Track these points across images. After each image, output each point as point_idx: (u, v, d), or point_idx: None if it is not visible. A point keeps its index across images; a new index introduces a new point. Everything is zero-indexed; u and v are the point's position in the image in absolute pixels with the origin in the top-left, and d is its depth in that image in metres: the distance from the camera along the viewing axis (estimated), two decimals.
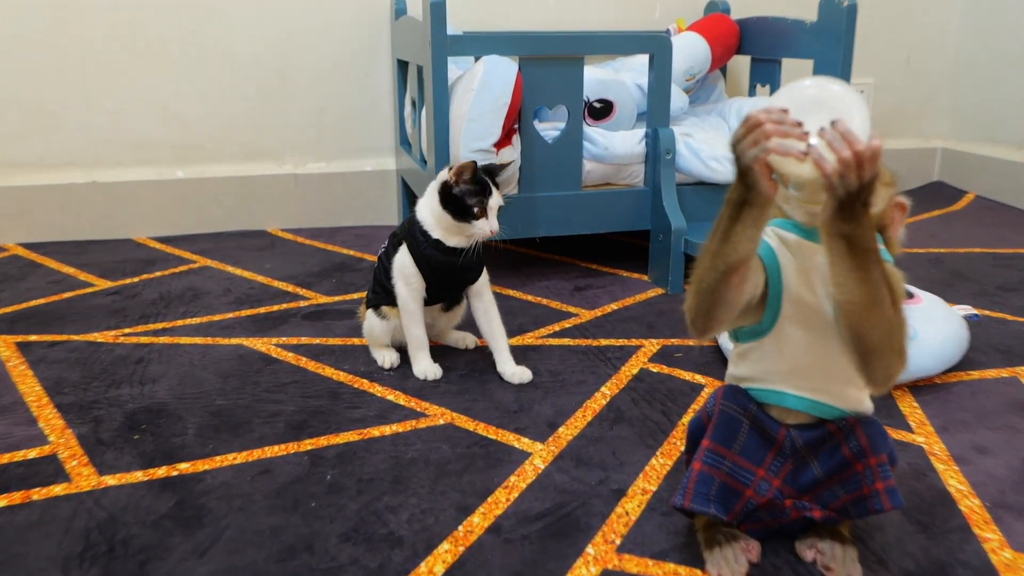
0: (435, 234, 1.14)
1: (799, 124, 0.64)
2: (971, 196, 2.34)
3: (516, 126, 1.51)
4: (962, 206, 2.26)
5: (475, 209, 1.11)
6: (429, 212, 1.15)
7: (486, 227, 1.11)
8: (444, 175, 1.14)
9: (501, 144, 1.46)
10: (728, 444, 0.77)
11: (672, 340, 1.32)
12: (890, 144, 2.45)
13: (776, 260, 0.75)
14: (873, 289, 0.65)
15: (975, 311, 1.33)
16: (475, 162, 1.11)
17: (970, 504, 0.89)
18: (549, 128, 1.58)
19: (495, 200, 1.12)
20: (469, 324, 1.28)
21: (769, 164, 0.65)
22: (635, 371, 1.22)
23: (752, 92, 2.04)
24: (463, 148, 1.41)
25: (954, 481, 0.93)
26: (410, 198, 1.99)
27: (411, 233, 1.16)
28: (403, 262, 1.17)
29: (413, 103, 1.76)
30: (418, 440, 1.02)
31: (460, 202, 1.11)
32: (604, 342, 1.33)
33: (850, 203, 0.63)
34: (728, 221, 0.68)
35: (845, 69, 1.63)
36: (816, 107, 0.65)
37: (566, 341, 1.34)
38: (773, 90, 1.98)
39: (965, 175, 2.40)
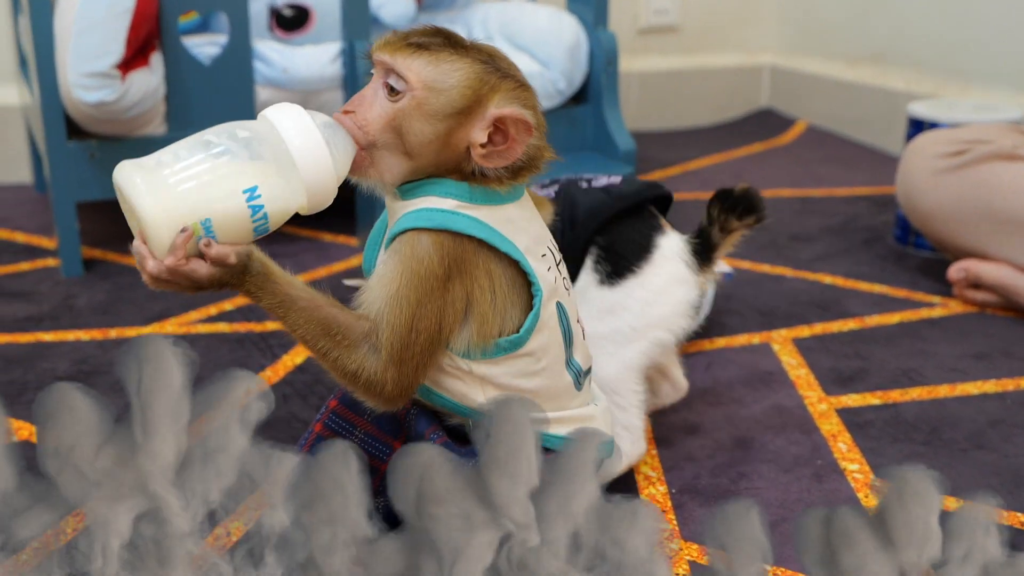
0: None
1: None
2: (802, 125, 2.61)
3: (157, 41, 1.56)
4: (789, 139, 2.52)
5: None
6: None
7: None
8: None
9: (131, 65, 1.51)
10: (359, 409, 0.89)
11: None
12: (706, 61, 2.69)
13: None
14: (293, 330, 0.82)
15: (728, 268, 1.52)
16: None
17: (653, 492, 1.04)
18: (207, 43, 1.64)
19: None
20: None
21: None
22: (300, 360, 1.31)
23: None
24: (72, 71, 1.45)
25: (646, 468, 1.09)
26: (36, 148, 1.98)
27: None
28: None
29: None
30: None
31: None
32: (272, 326, 1.41)
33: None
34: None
35: None
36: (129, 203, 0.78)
37: (221, 327, 1.41)
38: None
39: (796, 99, 2.67)
